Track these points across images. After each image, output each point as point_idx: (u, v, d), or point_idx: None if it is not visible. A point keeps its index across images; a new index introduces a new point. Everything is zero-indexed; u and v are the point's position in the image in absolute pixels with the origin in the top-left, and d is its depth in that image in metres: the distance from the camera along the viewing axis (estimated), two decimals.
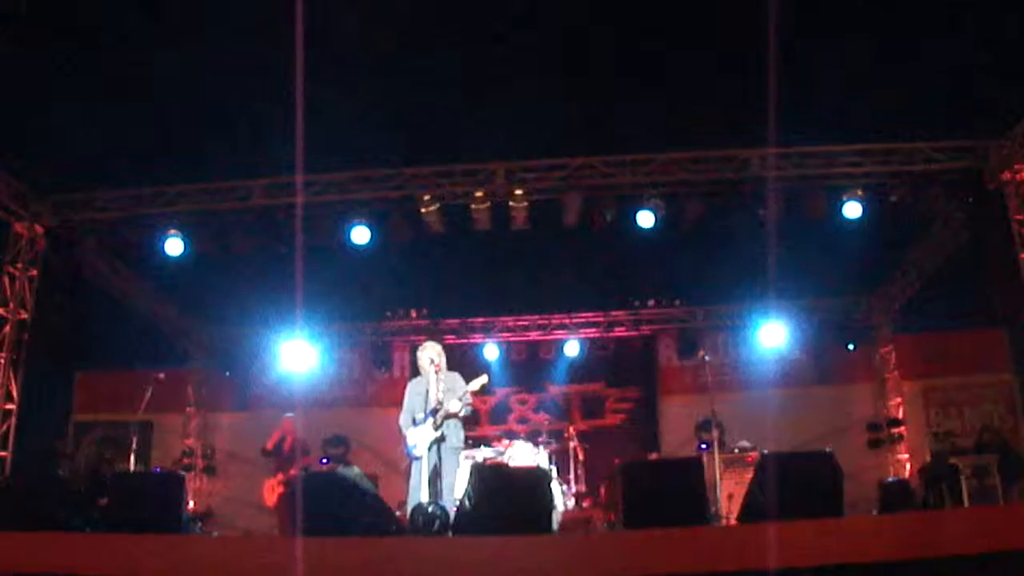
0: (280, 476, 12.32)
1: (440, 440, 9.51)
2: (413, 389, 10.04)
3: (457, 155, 13.74)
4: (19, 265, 13.91)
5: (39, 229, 14.06)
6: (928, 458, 14.88)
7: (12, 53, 12.67)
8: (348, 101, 13.24)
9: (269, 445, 12.51)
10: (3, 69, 12.63)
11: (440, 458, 9.48)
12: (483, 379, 9.85)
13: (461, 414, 9.70)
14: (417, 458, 9.57)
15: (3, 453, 13.37)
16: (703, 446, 13.60)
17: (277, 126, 12.22)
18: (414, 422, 9.74)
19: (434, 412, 9.55)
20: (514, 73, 13.32)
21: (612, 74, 13.86)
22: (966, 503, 10.82)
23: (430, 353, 10.00)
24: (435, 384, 9.73)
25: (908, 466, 17.11)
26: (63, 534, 7.45)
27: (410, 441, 9.71)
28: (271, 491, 12.38)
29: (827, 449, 8.11)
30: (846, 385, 18.63)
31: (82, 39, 12.78)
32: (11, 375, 13.67)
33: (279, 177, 13.64)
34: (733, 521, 10.23)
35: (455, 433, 9.69)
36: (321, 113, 11.08)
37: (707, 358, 14.05)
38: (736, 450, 13.49)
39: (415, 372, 10.31)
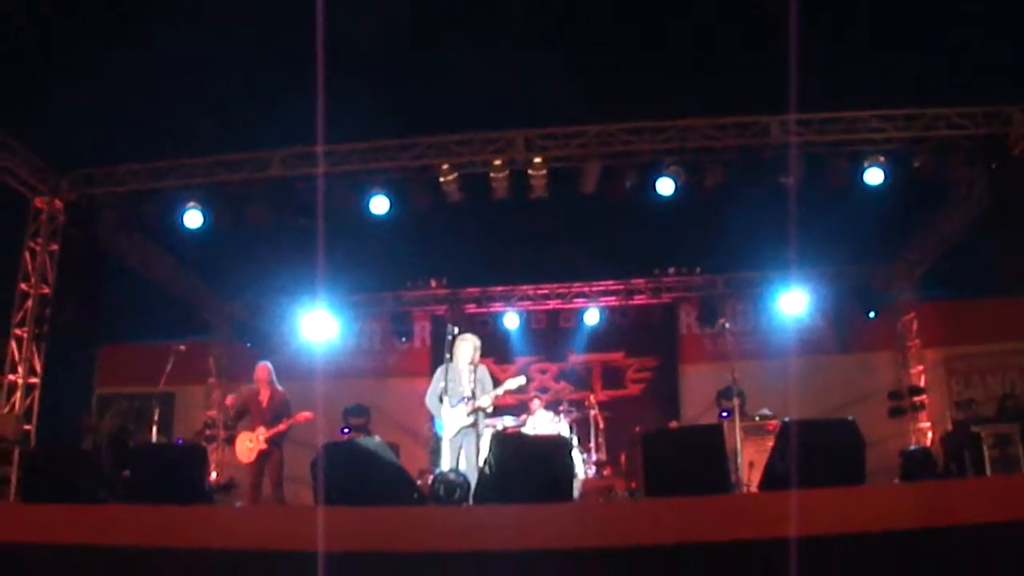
0: (262, 430, 11.28)
1: (471, 426, 10.01)
2: (446, 375, 10.25)
3: (475, 123, 13.69)
4: (40, 240, 13.98)
5: (59, 204, 14.13)
6: (950, 427, 14.79)
7: (30, 29, 12.69)
8: (365, 70, 13.21)
9: (229, 401, 12.24)
10: (22, 46, 12.66)
11: (466, 441, 10.00)
12: (521, 380, 10.46)
13: (490, 411, 10.37)
14: (443, 439, 10.10)
15: (28, 427, 13.49)
16: (724, 414, 13.58)
17: (294, 97, 12.21)
18: (440, 401, 10.05)
19: (467, 400, 10.03)
20: (532, 39, 13.26)
21: (631, 40, 13.78)
22: (988, 472, 10.78)
23: (468, 347, 10.38)
24: (468, 375, 10.19)
25: (930, 435, 17.03)
26: (87, 506, 7.51)
27: (439, 421, 10.17)
28: (249, 445, 11.61)
29: (848, 417, 8.09)
30: (867, 353, 18.49)
31: (99, 13, 12.78)
32: (34, 349, 13.78)
33: (296, 148, 13.64)
34: (754, 489, 10.23)
35: (482, 422, 10.18)
36: (338, 83, 11.05)
37: (728, 326, 14.02)
38: (757, 418, 13.43)
39: (438, 348, 10.61)
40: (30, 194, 13.90)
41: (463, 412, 9.98)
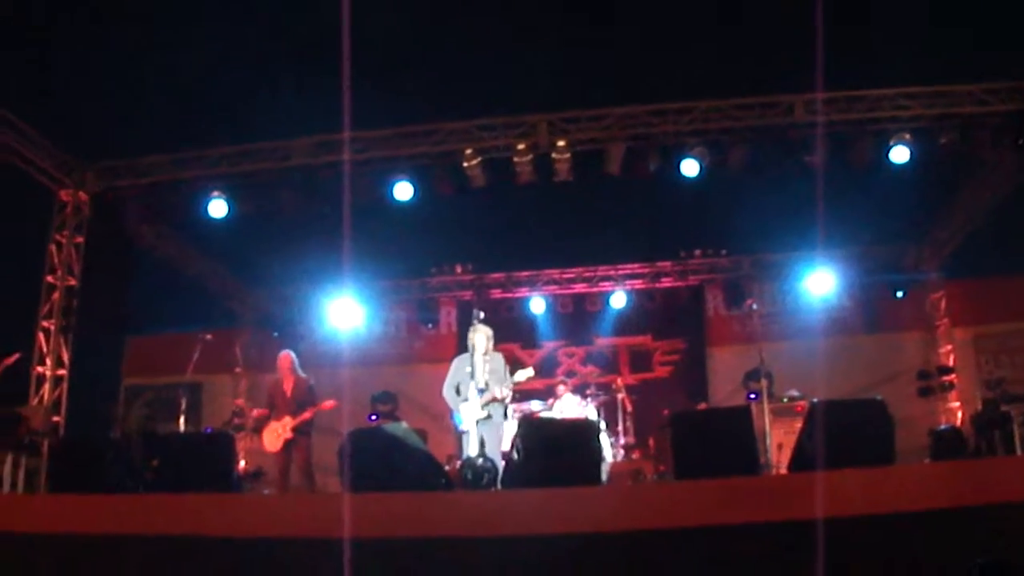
0: (288, 420, 11.21)
1: (487, 418, 9.98)
2: (459, 365, 10.37)
3: (498, 107, 13.66)
4: (65, 233, 14.04)
5: (83, 196, 14.18)
6: (980, 406, 14.66)
7: (54, 24, 12.76)
8: (387, 57, 13.20)
9: (255, 414, 12.29)
10: (45, 40, 12.72)
11: (485, 432, 9.97)
12: (529, 372, 10.43)
13: (506, 401, 10.32)
14: (464, 432, 10.13)
15: (57, 418, 13.58)
16: (752, 396, 13.49)
17: (316, 85, 12.21)
18: (457, 392, 10.21)
19: (481, 392, 10.01)
20: (552, 23, 13.21)
21: (653, 21, 13.70)
22: (1018, 450, 10.71)
23: (481, 337, 10.35)
24: (481, 365, 10.16)
25: (960, 414, 16.86)
26: (117, 496, 7.56)
27: (457, 414, 10.20)
28: (276, 435, 11.55)
29: (877, 397, 8.04)
30: (896, 333, 18.33)
31: (121, 6, 12.83)
32: (62, 341, 13.85)
33: (319, 136, 13.64)
34: (783, 471, 10.19)
35: (499, 412, 10.19)
36: (360, 70, 11.04)
37: (755, 307, 13.93)
38: (785, 399, 13.38)
39: (464, 334, 10.63)
40: (55, 187, 13.96)
41: (478, 404, 9.98)
